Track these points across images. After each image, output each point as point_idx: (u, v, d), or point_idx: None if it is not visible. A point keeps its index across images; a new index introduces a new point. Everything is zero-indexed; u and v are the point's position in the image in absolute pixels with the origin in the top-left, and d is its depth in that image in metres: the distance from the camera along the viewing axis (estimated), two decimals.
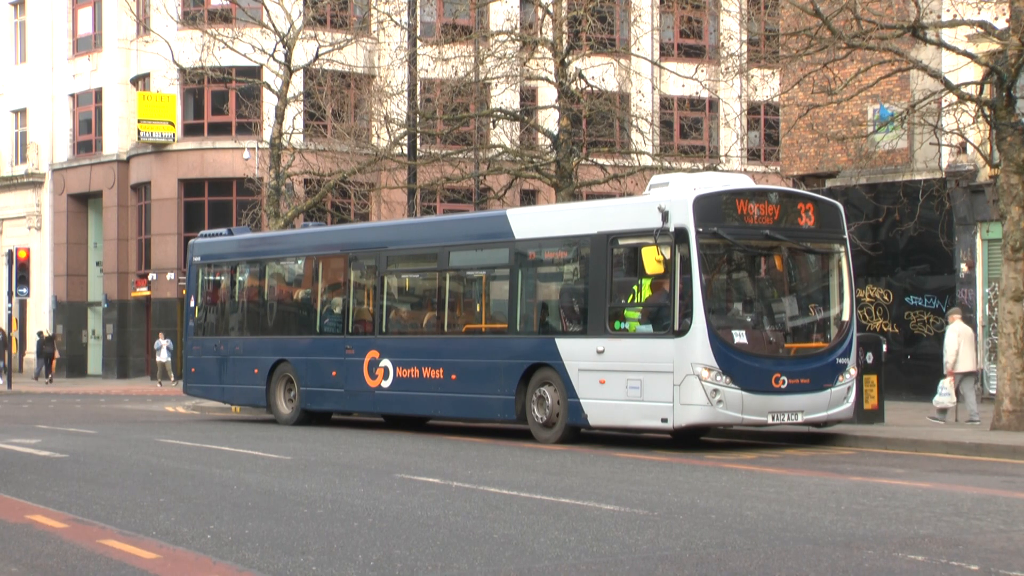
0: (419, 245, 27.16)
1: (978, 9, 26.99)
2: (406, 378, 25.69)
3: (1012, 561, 10.70)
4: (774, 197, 22.22)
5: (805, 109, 29.96)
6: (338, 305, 28.10)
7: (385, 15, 40.82)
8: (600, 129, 41.69)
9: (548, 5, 35.74)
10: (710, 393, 20.41)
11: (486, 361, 24.19)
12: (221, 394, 31.32)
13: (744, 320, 21.76)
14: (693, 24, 53.32)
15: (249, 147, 51.61)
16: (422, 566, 10.60)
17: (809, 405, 21.36)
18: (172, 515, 13.67)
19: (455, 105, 38.12)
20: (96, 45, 60.21)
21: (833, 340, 22.13)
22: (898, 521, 13.17)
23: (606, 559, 10.93)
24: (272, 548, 11.46)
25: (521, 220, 24.69)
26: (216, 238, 31.94)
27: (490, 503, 14.68)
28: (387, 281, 27.14)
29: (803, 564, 10.73)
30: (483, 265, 25.70)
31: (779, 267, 22.43)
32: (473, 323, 25.78)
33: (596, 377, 21.93)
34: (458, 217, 32.10)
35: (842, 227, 22.65)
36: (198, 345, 31.48)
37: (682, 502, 14.80)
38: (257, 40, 39.74)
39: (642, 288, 21.83)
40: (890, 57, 26.94)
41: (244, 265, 30.86)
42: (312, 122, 45.09)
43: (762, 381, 20.86)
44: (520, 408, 23.26)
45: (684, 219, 20.53)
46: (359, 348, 26.77)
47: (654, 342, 21.15)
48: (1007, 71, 24.65)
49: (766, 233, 21.50)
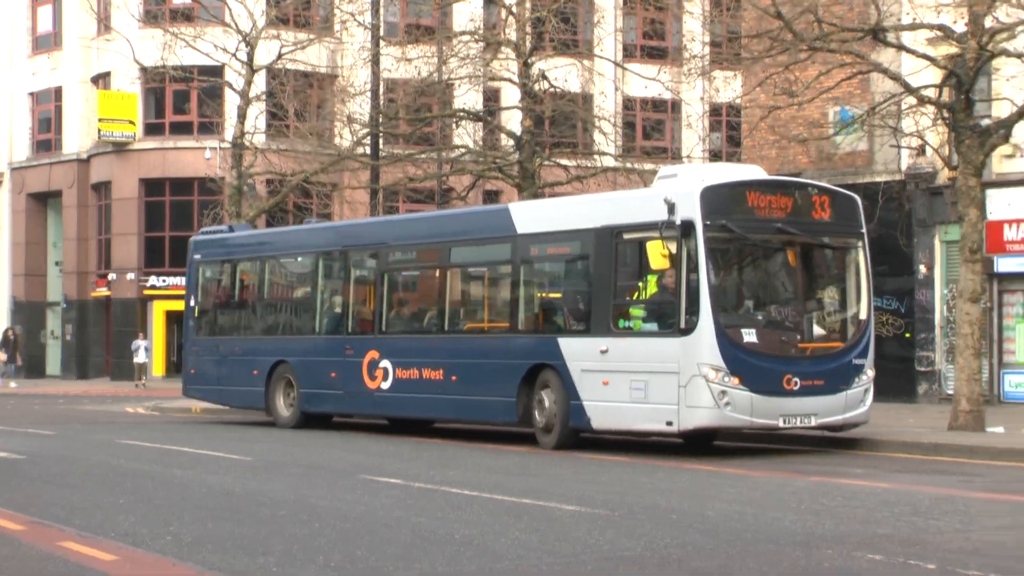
0: (419, 241, 26.05)
1: (937, 12, 27.17)
2: (406, 379, 24.74)
3: (969, 560, 10.77)
4: (787, 188, 21.26)
5: (767, 111, 30.06)
6: (338, 304, 27.41)
7: (348, 15, 40.64)
8: (563, 130, 41.75)
9: (512, 6, 35.77)
10: (717, 395, 19.33)
11: (487, 361, 23.16)
12: (220, 396, 30.34)
13: (754, 318, 20.71)
14: (656, 26, 53.48)
15: (211, 147, 51.40)
16: (384, 567, 10.60)
17: (823, 408, 20.25)
18: (132, 516, 13.61)
19: (418, 105, 38.14)
20: (56, 43, 59.90)
21: (849, 340, 21.08)
22: (857, 521, 13.24)
23: (567, 559, 10.96)
24: (233, 549, 11.44)
25: (524, 214, 23.64)
26: (216, 235, 31.09)
27: (452, 504, 14.67)
28: (387, 279, 26.05)
29: (763, 564, 10.78)
30: (484, 261, 24.68)
31: (792, 262, 21.14)
32: (474, 322, 24.85)
33: (599, 378, 20.83)
34: (459, 212, 31.12)
35: (859, 220, 21.47)
36: (197, 346, 30.60)
37: (644, 502, 14.84)
38: (219, 39, 39.62)
39: (647, 284, 20.60)
40: (851, 60, 27.08)
41: (244, 263, 30.02)
42: (275, 122, 44.96)
43: (773, 382, 19.74)
44: (522, 410, 22.13)
45: (691, 211, 19.44)
46: (358, 348, 25.81)
47: (659, 341, 20.12)
48: (965, 74, 24.81)
49: (778, 226, 20.40)
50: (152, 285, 54.68)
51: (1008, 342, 32.52)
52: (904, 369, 32.34)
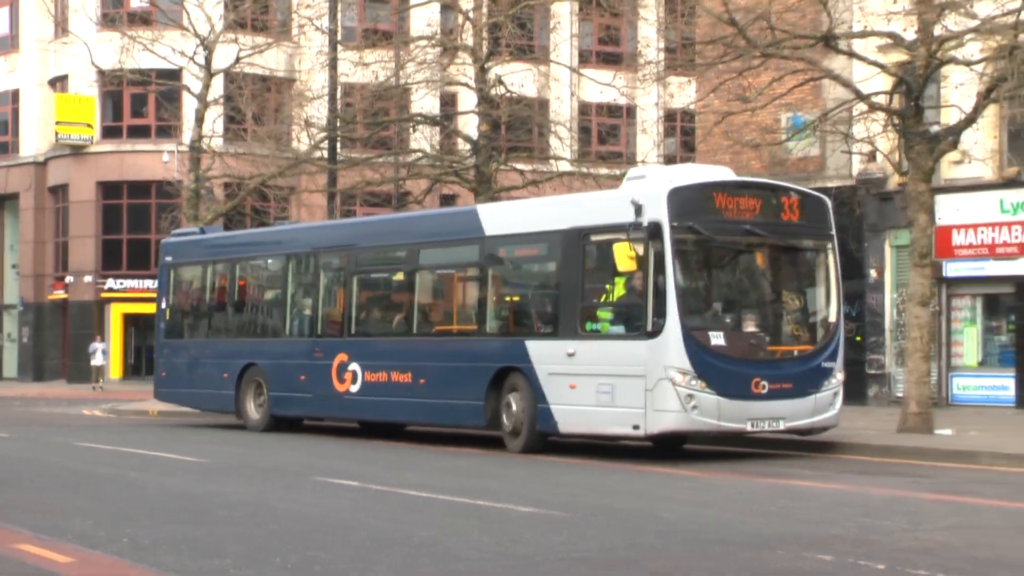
0: (388, 243, 25.50)
1: (888, 20, 27.34)
2: (375, 382, 24.14)
3: (918, 560, 10.84)
4: (756, 190, 20.80)
5: (721, 116, 30.16)
6: (307, 306, 26.81)
7: (306, 19, 40.68)
8: (519, 134, 41.75)
9: (469, 11, 35.79)
10: (684, 399, 18.80)
11: (455, 364, 22.63)
12: (190, 399, 29.77)
13: (722, 321, 20.17)
14: (611, 32, 53.59)
15: (168, 150, 51.22)
16: (341, 569, 10.59)
17: (792, 411, 19.76)
18: (89, 519, 13.52)
19: (376, 109, 38.09)
20: (13, 46, 59.45)
21: (819, 343, 20.62)
22: (808, 522, 13.30)
23: (523, 561, 10.98)
24: (190, 551, 11.40)
25: (492, 216, 23.11)
26: (187, 237, 30.47)
27: (409, 506, 14.67)
28: (356, 281, 25.52)
29: (716, 564, 10.82)
30: (453, 263, 24.16)
31: (761, 264, 20.99)
32: (443, 325, 24.20)
33: (566, 381, 20.29)
34: (428, 213, 30.28)
35: (829, 222, 21.02)
36: (168, 348, 30.10)
37: (599, 504, 14.87)
38: (177, 43, 39.47)
39: (615, 287, 20.24)
40: (803, 66, 27.23)
41: (214, 265, 29.30)
42: (232, 125, 44.82)
43: (741, 386, 19.27)
44: (491, 414, 21.60)
45: (658, 213, 18.94)
46: (327, 351, 25.27)
47: (626, 344, 19.51)
48: (915, 81, 24.98)
49: (747, 228, 19.93)
50: (109, 288, 54.48)
51: (956, 345, 32.74)
52: (855, 372, 32.50)
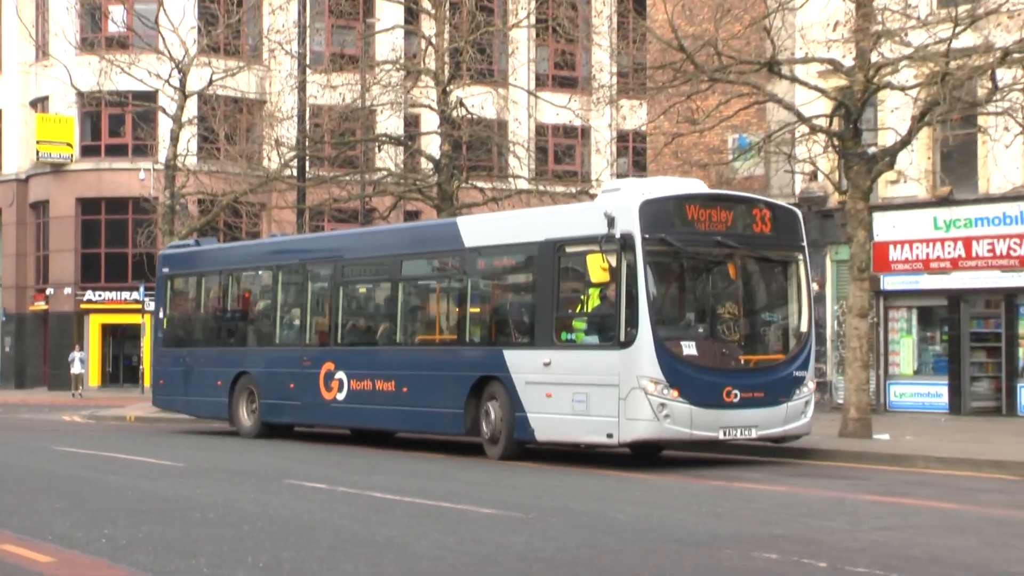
0: (372, 254, 25.00)
1: (828, 47, 27.46)
2: (360, 390, 23.57)
3: (857, 559, 10.87)
4: (727, 202, 20.21)
5: (670, 137, 30.29)
6: (296, 316, 26.37)
7: (276, 44, 40.59)
8: (479, 154, 41.81)
9: (431, 36, 35.81)
10: (656, 407, 18.20)
11: (436, 373, 22.04)
12: (186, 406, 29.13)
13: (694, 331, 19.60)
14: (567, 56, 53.59)
15: (145, 168, 50.97)
16: (309, 567, 10.53)
17: (763, 420, 19.19)
18: (68, 520, 13.42)
19: (342, 130, 38.05)
20: None
21: (790, 352, 20.00)
22: (755, 522, 13.31)
23: (483, 560, 10.93)
24: (165, 551, 11.31)
25: (471, 228, 22.44)
26: (183, 249, 30.07)
27: (375, 507, 14.61)
28: (342, 291, 24.90)
29: (668, 563, 10.81)
30: (434, 274, 23.54)
31: (733, 275, 20.00)
32: (425, 334, 23.65)
33: (543, 390, 19.69)
34: (411, 226, 29.79)
35: (800, 234, 20.47)
36: (166, 357, 29.48)
37: (556, 505, 14.84)
38: (153, 66, 39.31)
39: (589, 297, 19.57)
40: (748, 90, 27.36)
41: (208, 276, 28.92)
42: (206, 144, 44.59)
43: (713, 395, 18.69)
44: (470, 422, 21.05)
45: (630, 225, 18.40)
46: (315, 360, 24.69)
47: (600, 354, 18.92)
48: (854, 105, 25.12)
49: (718, 240, 19.28)
50: (88, 299, 54.28)
51: (893, 355, 32.95)
52: None
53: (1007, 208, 31.23)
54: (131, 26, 46.70)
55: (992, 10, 25.45)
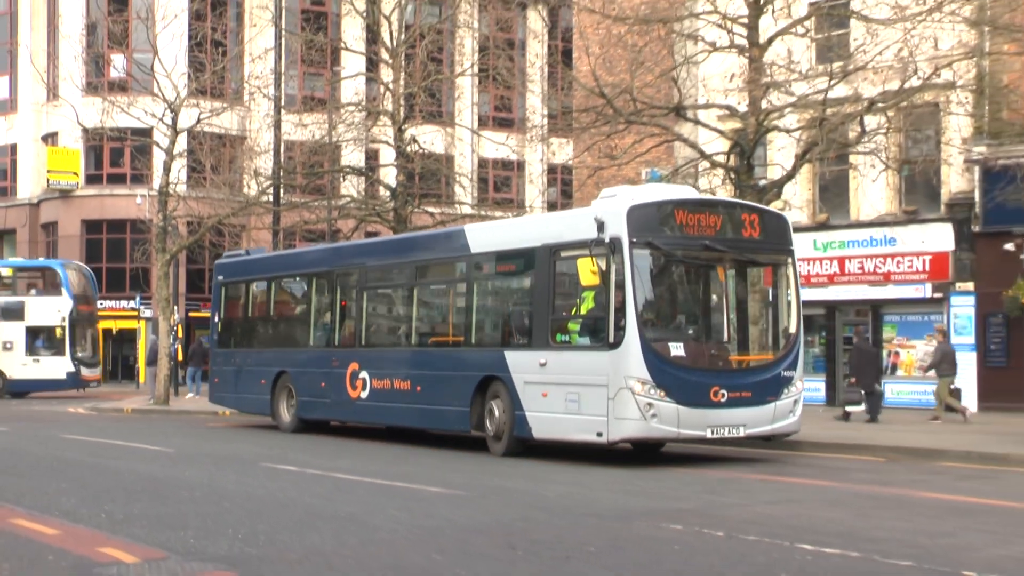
0: (392, 261, 23.17)
1: (725, 95, 27.73)
2: (380, 389, 21.95)
3: (748, 528, 10.93)
4: (715, 207, 18.38)
5: (592, 170, 30.42)
6: (327, 319, 24.36)
7: (256, 88, 40.46)
8: (430, 183, 41.77)
9: (389, 83, 35.81)
10: (643, 407, 16.42)
11: (445, 373, 20.34)
12: (236, 403, 27.37)
13: (682, 332, 17.77)
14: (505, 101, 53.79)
15: (141, 194, 50.45)
16: (281, 538, 10.47)
17: (751, 419, 17.22)
18: (72, 498, 13.28)
19: (312, 162, 37.95)
20: (12, 108, 58.39)
21: (779, 353, 18.08)
22: (664, 499, 13.37)
23: (432, 531, 10.91)
24: (157, 525, 11.21)
25: (477, 234, 20.67)
26: (235, 259, 28.43)
27: (339, 487, 14.55)
28: (366, 296, 23.21)
29: (589, 534, 10.83)
30: (445, 279, 21.68)
31: (720, 278, 18.41)
32: (437, 336, 21.69)
33: (539, 390, 17.99)
34: (426, 234, 27.43)
35: (788, 238, 18.51)
36: (220, 357, 27.95)
37: (494, 485, 14.82)
38: (149, 106, 38.94)
39: (581, 300, 17.83)
40: (659, 131, 27.56)
41: (254, 283, 27.16)
42: (194, 174, 44.24)
43: (700, 395, 16.79)
44: (476, 419, 19.36)
45: (618, 229, 16.68)
46: (343, 360, 23.04)
47: (590, 355, 17.12)
48: (747, 144, 25.36)
49: (706, 243, 17.43)
50: None
51: None
52: None
53: (874, 232, 31.63)
54: (130, 72, 46.36)
55: (860, 67, 25.87)
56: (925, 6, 25.45)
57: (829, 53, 29.63)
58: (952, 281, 29.93)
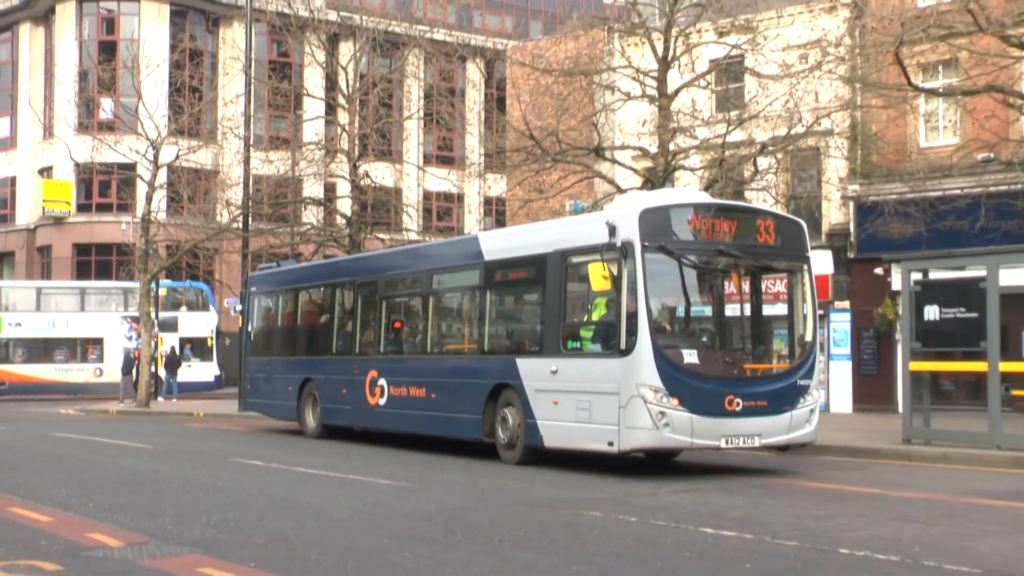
0: (408, 270, 20.56)
1: (638, 138, 27.89)
2: (398, 396, 19.70)
3: (658, 514, 10.97)
4: (729, 212, 15.64)
5: (523, 203, 30.44)
6: (349, 328, 22.00)
7: (228, 128, 40.19)
8: (380, 213, 41.57)
9: (345, 125, 35.74)
10: (656, 416, 14.10)
11: (459, 380, 18.00)
12: (267, 409, 24.97)
13: (696, 339, 15.35)
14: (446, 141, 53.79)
15: (126, 221, 49.82)
16: (249, 525, 10.35)
17: (767, 429, 14.80)
18: (64, 490, 13.04)
19: (277, 193, 37.81)
20: (12, 144, 57.46)
21: (794, 361, 15.50)
22: (583, 490, 13.37)
23: (382, 518, 10.84)
24: (139, 513, 11.04)
25: (490, 242, 18.31)
26: (266, 271, 26.29)
27: (300, 479, 14.41)
28: (385, 304, 20.78)
29: (520, 519, 10.80)
30: (459, 287, 19.05)
31: (735, 284, 15.63)
32: (451, 344, 19.35)
33: (550, 398, 15.69)
34: (441, 242, 24.98)
35: (804, 245, 15.91)
36: (252, 365, 25.69)
37: (436, 477, 14.75)
38: (133, 144, 38.51)
39: (593, 306, 15.40)
40: (581, 168, 27.67)
41: (283, 294, 24.89)
42: (173, 203, 43.70)
43: (714, 403, 14.37)
44: (488, 427, 17.04)
45: (630, 233, 14.44)
46: (363, 368, 20.80)
47: (602, 362, 14.77)
48: (657, 181, 25.52)
49: (719, 249, 14.97)
50: None
51: None
52: None
53: None
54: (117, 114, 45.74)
55: (753, 115, 26.20)
56: (807, 65, 25.87)
57: (727, 103, 30.00)
58: (831, 300, 30.28)
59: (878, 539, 9.53)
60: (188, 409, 29.72)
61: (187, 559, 8.63)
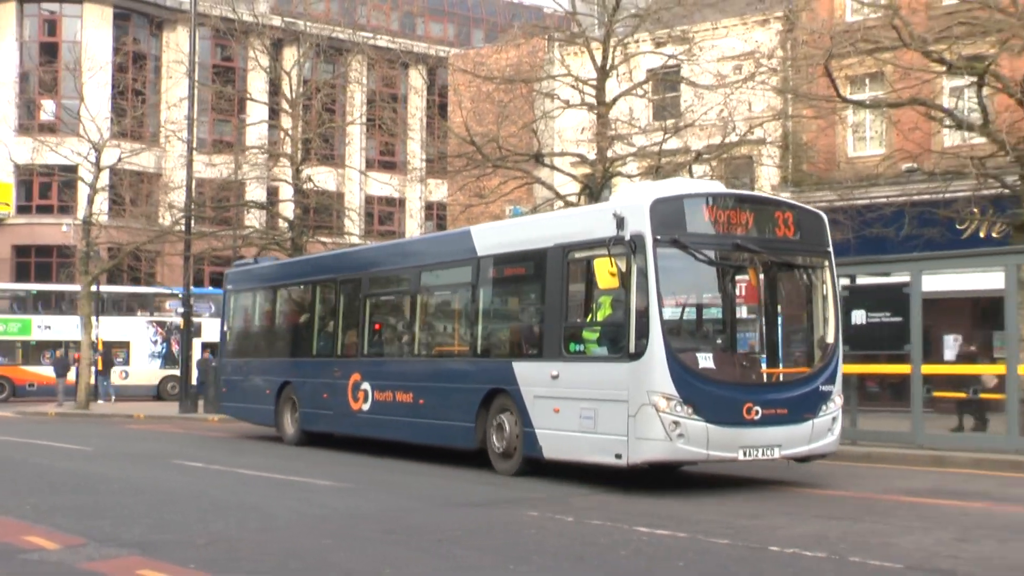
0: (394, 267, 18.77)
1: (577, 145, 28.04)
2: (382, 401, 17.92)
3: (594, 514, 11.04)
4: (747, 203, 13.84)
5: (464, 207, 30.44)
6: (329, 328, 20.08)
7: (171, 132, 39.73)
8: (323, 216, 41.34)
9: (288, 129, 35.53)
10: (669, 426, 12.44)
11: (449, 385, 16.29)
12: (243, 413, 23.12)
13: (711, 342, 13.82)
14: (389, 146, 53.56)
15: (67, 223, 49.07)
16: (190, 525, 10.25)
17: (787, 439, 13.16)
18: (0, 492, 12.80)
19: (220, 197, 37.46)
20: None
21: (816, 365, 13.77)
22: (522, 490, 13.39)
23: (322, 518, 10.79)
24: (78, 515, 10.88)
25: (483, 236, 16.27)
26: (243, 268, 24.46)
27: (241, 480, 14.30)
28: (368, 304, 18.92)
29: (456, 519, 10.82)
30: (449, 285, 17.20)
31: (753, 282, 14.09)
32: (441, 345, 17.42)
33: (550, 405, 14.02)
34: (429, 237, 22.90)
35: (826, 239, 14.18)
36: (228, 366, 23.80)
37: (377, 479, 14.71)
38: (75, 146, 37.94)
39: (598, 305, 13.73)
40: (521, 174, 27.74)
41: (260, 292, 23.09)
42: (115, 206, 43.15)
43: (731, 412, 12.72)
44: (481, 436, 15.41)
45: (641, 226, 12.74)
46: (344, 370, 18.98)
47: (608, 367, 13.08)
48: (595, 186, 25.68)
49: (737, 243, 13.30)
50: None
51: None
52: None
53: None
54: (59, 115, 45.15)
55: (689, 124, 26.43)
56: (741, 76, 26.18)
57: (664, 112, 30.25)
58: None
59: (806, 536, 9.67)
60: (128, 411, 29.27)
61: (126, 560, 8.53)
